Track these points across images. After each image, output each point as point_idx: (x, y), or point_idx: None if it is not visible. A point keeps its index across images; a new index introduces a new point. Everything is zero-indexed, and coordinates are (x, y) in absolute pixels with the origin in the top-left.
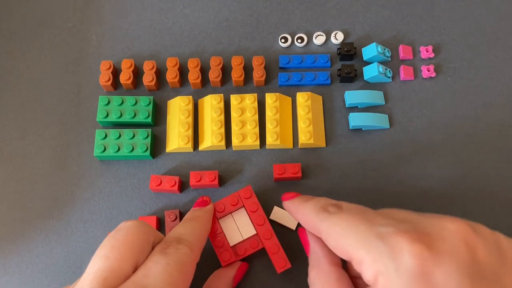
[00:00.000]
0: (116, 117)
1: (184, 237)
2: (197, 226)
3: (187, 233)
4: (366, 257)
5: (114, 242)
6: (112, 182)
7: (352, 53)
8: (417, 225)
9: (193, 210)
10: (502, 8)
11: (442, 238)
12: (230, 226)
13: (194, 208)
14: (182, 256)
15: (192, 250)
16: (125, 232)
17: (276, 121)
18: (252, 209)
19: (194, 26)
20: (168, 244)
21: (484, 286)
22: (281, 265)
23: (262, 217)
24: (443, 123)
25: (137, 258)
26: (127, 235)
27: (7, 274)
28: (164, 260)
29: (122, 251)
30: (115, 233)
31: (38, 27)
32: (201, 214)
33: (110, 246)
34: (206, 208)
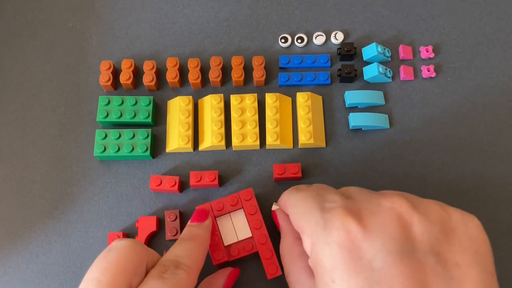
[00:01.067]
0: (116, 117)
1: (182, 260)
2: (196, 248)
3: (185, 256)
4: (307, 229)
5: (106, 264)
6: (112, 182)
7: (352, 53)
8: (358, 202)
9: (191, 226)
10: (502, 8)
11: (374, 213)
12: (227, 226)
13: (192, 224)
14: (180, 282)
15: (189, 274)
16: (117, 253)
17: (276, 121)
18: (250, 211)
19: (194, 26)
20: (166, 268)
21: (415, 262)
22: (272, 271)
23: (259, 221)
24: (443, 123)
25: (131, 281)
26: (120, 256)
27: (7, 274)
28: (161, 285)
29: (115, 273)
30: (106, 253)
31: (38, 27)
32: (199, 233)
33: (102, 268)
34: (205, 224)
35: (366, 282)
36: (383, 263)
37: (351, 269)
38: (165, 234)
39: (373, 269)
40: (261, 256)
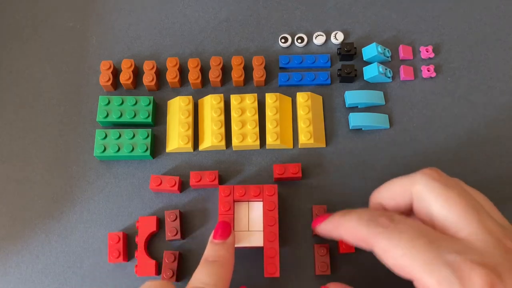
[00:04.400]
0: (116, 117)
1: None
2: (223, 272)
3: (213, 284)
4: (434, 285)
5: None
6: (112, 182)
7: (352, 53)
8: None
9: (215, 245)
10: (502, 8)
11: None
12: (242, 213)
13: (216, 241)
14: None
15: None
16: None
17: (276, 121)
18: (269, 207)
19: (194, 26)
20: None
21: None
22: (271, 271)
23: (274, 219)
24: (443, 123)
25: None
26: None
27: (7, 274)
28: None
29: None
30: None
31: (38, 27)
32: (224, 253)
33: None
34: (229, 242)
35: None
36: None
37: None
38: (165, 234)
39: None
40: (265, 253)
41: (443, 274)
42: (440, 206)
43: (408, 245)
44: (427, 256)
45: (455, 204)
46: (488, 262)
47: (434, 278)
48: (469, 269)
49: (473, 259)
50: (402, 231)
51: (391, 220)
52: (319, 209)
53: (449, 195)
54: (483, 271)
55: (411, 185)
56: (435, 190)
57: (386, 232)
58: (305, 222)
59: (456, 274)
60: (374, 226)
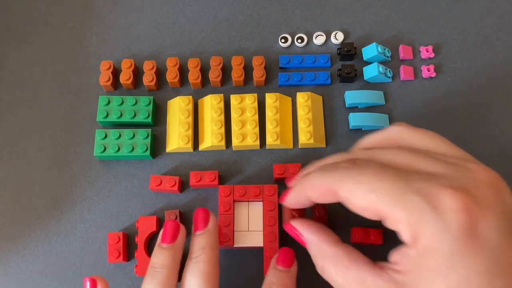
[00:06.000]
0: (116, 117)
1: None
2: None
3: None
4: (405, 215)
5: None
6: (112, 182)
7: (352, 53)
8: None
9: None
10: (502, 8)
11: (480, 190)
12: (242, 213)
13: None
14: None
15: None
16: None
17: (276, 121)
18: (269, 207)
19: (194, 26)
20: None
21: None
22: None
23: (274, 219)
24: (443, 123)
25: None
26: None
27: (7, 274)
28: None
29: None
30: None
31: (38, 27)
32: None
33: None
34: (210, 232)
35: (487, 263)
36: (500, 240)
37: (471, 252)
38: None
39: (491, 247)
40: (265, 254)
41: (413, 203)
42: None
43: (374, 180)
44: (395, 186)
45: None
46: (456, 184)
47: (404, 209)
48: (439, 192)
49: (441, 183)
50: (365, 167)
51: (353, 161)
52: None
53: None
54: (453, 192)
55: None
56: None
57: (349, 173)
58: None
59: (427, 200)
60: (335, 171)
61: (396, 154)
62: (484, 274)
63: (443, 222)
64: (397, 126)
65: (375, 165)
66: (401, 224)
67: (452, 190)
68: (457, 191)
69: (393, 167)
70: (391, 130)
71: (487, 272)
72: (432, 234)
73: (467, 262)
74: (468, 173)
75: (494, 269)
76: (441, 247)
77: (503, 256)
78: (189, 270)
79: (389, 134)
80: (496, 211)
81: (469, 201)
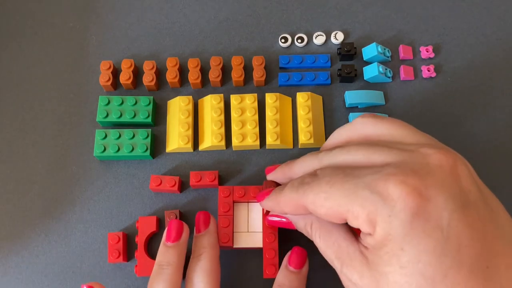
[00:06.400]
0: (116, 117)
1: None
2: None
3: None
4: (359, 211)
5: None
6: (112, 182)
7: (352, 53)
8: (401, 165)
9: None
10: (502, 8)
11: (429, 173)
12: (242, 214)
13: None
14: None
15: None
16: None
17: (276, 121)
18: None
19: (194, 26)
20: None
21: (473, 213)
22: (270, 272)
23: None
24: (443, 123)
25: None
26: None
27: (7, 274)
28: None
29: None
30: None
31: (38, 27)
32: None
33: None
34: (211, 233)
35: (436, 242)
36: (449, 220)
37: (420, 233)
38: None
39: (441, 228)
40: (264, 254)
41: (364, 197)
42: None
43: (327, 186)
44: (346, 187)
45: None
46: (404, 170)
47: (357, 205)
48: (385, 181)
49: (389, 172)
50: (321, 178)
51: (314, 175)
52: (269, 184)
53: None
54: (398, 179)
55: (319, 164)
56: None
57: (310, 187)
58: None
59: (376, 192)
60: (301, 187)
61: (352, 152)
62: (434, 253)
63: (392, 209)
64: (361, 118)
65: (328, 172)
66: (359, 219)
67: (398, 177)
68: (404, 176)
69: (345, 169)
70: (354, 123)
71: (437, 251)
72: (384, 222)
73: (417, 243)
74: (420, 158)
75: (444, 248)
76: (393, 232)
77: (453, 235)
78: (193, 268)
79: (353, 127)
80: (446, 192)
81: (416, 185)
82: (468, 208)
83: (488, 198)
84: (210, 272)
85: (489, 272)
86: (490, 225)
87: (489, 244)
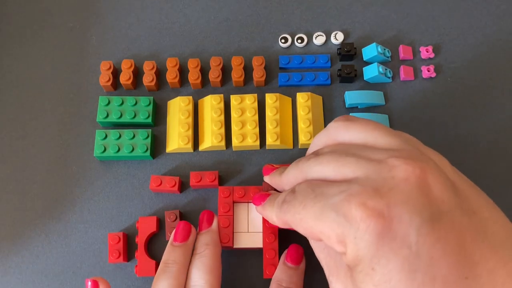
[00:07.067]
0: (116, 117)
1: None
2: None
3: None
4: (330, 232)
5: None
6: (112, 182)
7: (352, 53)
8: (365, 182)
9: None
10: (502, 8)
11: (392, 189)
12: (242, 214)
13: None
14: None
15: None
16: None
17: (276, 121)
18: None
19: (194, 26)
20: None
21: (446, 224)
22: (270, 272)
23: None
24: (443, 123)
25: None
26: None
27: (7, 274)
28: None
29: None
30: None
31: (38, 27)
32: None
33: None
34: (213, 231)
35: (404, 260)
36: (417, 236)
37: (387, 253)
38: (165, 234)
39: (409, 245)
40: (264, 255)
41: (331, 219)
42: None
43: (300, 208)
44: (316, 209)
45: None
46: (366, 189)
47: (327, 226)
48: (348, 204)
49: (350, 193)
50: (295, 198)
51: (293, 192)
52: (269, 185)
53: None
54: (358, 201)
55: (299, 173)
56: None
57: (289, 206)
58: None
59: (341, 214)
60: (281, 206)
61: (324, 163)
62: (404, 270)
63: (356, 230)
64: (334, 123)
65: (302, 192)
66: (331, 240)
67: (359, 198)
68: (365, 197)
69: (315, 187)
70: (329, 128)
71: (407, 268)
72: (352, 243)
73: (386, 262)
74: (385, 172)
75: (413, 264)
76: (361, 253)
77: (423, 251)
78: (194, 264)
79: (328, 132)
80: (412, 208)
81: (377, 205)
82: (439, 220)
83: (470, 199)
84: (211, 269)
85: (468, 282)
86: (468, 232)
87: (467, 253)
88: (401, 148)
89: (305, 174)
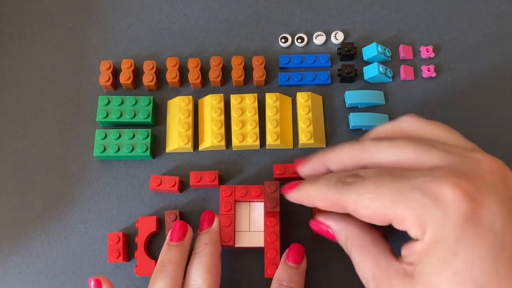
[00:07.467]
0: (116, 117)
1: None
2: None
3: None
4: (408, 213)
5: None
6: (112, 182)
7: (352, 53)
8: (453, 168)
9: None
10: (502, 8)
11: (481, 177)
12: (243, 213)
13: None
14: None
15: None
16: None
17: (276, 121)
18: (271, 205)
19: (194, 26)
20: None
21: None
22: (272, 271)
23: (275, 219)
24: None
25: None
26: None
27: (7, 274)
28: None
29: None
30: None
31: (38, 27)
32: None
33: None
34: (213, 231)
35: (490, 248)
36: (503, 226)
37: (474, 238)
38: (165, 234)
39: (495, 233)
40: (266, 254)
41: (413, 199)
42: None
43: (373, 187)
44: (394, 189)
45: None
46: (457, 173)
47: (406, 207)
48: (438, 184)
49: (441, 174)
50: (365, 179)
51: (357, 175)
52: (271, 184)
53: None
54: (452, 182)
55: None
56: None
57: (353, 187)
58: (306, 222)
59: (427, 194)
60: (342, 187)
61: (401, 148)
62: (488, 259)
63: (445, 211)
64: (408, 117)
65: (374, 174)
66: (407, 222)
67: (451, 179)
68: (457, 179)
69: (391, 171)
70: (401, 121)
71: (491, 257)
72: (436, 225)
73: (471, 248)
74: (470, 162)
75: (498, 254)
76: (445, 236)
77: (507, 241)
78: (193, 263)
79: (399, 124)
80: (499, 197)
81: (469, 188)
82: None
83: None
84: (210, 268)
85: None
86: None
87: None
88: (476, 148)
89: (370, 155)
